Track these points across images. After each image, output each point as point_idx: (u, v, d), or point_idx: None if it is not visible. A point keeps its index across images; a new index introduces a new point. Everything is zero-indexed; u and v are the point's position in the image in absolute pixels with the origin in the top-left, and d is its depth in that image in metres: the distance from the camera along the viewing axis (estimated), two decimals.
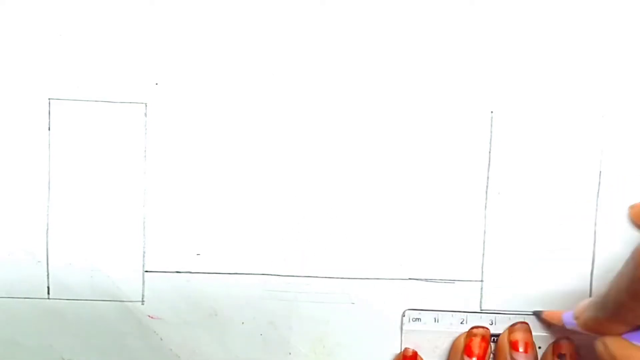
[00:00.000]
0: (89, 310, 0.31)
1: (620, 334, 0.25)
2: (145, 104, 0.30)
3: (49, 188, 0.30)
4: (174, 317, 0.31)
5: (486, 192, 0.30)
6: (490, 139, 0.30)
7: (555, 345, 0.30)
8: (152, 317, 0.31)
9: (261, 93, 0.30)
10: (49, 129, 0.30)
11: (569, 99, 0.30)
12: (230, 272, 0.31)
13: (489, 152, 0.30)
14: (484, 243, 0.30)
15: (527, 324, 0.31)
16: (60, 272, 0.30)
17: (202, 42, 0.30)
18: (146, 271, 0.31)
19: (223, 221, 0.30)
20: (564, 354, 0.30)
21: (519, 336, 0.30)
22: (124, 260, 0.30)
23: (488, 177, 0.30)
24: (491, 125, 0.30)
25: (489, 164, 0.30)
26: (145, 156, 0.30)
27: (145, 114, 0.30)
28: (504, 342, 0.31)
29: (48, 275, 0.30)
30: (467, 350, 0.30)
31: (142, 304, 0.31)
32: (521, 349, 0.30)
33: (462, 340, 0.31)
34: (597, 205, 0.30)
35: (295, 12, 0.29)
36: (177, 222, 0.30)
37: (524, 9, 0.29)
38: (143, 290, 0.31)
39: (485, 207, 0.30)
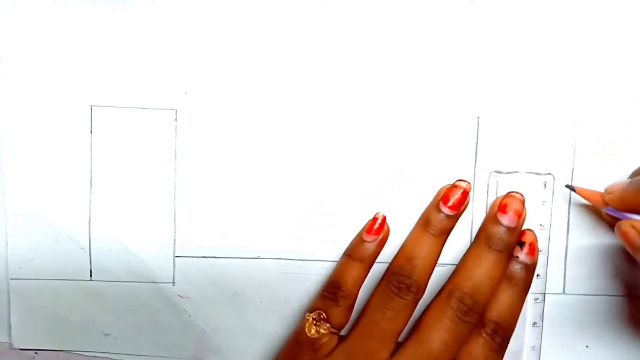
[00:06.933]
0: (126, 290, 0.34)
1: None
2: (176, 110, 0.33)
3: (90, 184, 0.33)
4: (200, 297, 0.34)
5: (473, 185, 0.33)
6: (477, 141, 0.33)
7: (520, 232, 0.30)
8: (181, 297, 0.34)
9: (274, 100, 0.33)
10: (91, 132, 0.33)
11: (546, 106, 0.33)
12: (250, 257, 0.34)
13: (475, 153, 0.33)
14: (471, 233, 0.33)
15: (522, 196, 0.30)
16: (101, 258, 0.33)
17: (224, 57, 0.33)
18: (176, 256, 0.34)
19: (243, 212, 0.33)
20: (524, 242, 0.30)
21: (511, 202, 0.30)
22: (157, 247, 0.33)
23: (475, 174, 0.33)
24: (477, 129, 0.33)
25: (475, 163, 0.33)
26: (175, 156, 0.33)
27: (176, 119, 0.33)
28: (496, 202, 0.31)
29: (90, 260, 0.33)
30: (444, 198, 0.31)
31: (173, 285, 0.34)
32: (509, 213, 0.29)
33: (443, 190, 0.31)
34: (570, 199, 0.33)
35: (310, 26, 0.32)
36: (204, 213, 0.33)
37: (506, 22, 0.32)
38: (174, 273, 0.34)
39: (473, 200, 0.33)
